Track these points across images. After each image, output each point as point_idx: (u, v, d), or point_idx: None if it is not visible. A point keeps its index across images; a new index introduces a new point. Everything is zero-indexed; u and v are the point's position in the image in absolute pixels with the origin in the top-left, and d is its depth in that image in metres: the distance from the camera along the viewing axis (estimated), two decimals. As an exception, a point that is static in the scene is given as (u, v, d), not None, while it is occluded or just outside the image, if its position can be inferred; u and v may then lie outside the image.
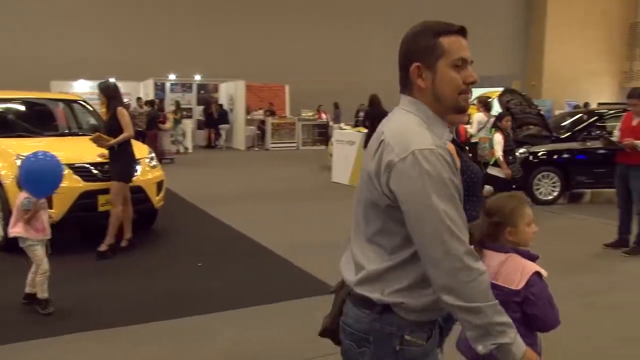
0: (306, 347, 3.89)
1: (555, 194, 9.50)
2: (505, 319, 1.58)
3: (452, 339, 2.33)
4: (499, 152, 7.34)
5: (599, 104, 21.77)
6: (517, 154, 9.41)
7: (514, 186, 7.53)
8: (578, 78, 28.18)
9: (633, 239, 6.49)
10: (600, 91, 28.94)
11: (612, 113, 9.99)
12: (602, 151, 8.65)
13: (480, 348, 1.57)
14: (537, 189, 9.40)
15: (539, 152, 9.52)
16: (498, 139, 7.39)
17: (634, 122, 6.31)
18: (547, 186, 9.47)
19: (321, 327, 2.03)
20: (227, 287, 5.25)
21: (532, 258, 2.21)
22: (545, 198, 9.43)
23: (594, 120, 9.99)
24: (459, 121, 1.78)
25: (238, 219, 7.95)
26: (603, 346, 4.05)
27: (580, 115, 10.88)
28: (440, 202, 1.52)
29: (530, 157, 9.44)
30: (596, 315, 4.66)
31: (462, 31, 1.70)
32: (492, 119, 9.46)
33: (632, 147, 6.18)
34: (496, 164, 7.39)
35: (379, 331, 1.67)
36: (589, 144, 9.42)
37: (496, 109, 10.24)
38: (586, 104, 21.70)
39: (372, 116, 11.00)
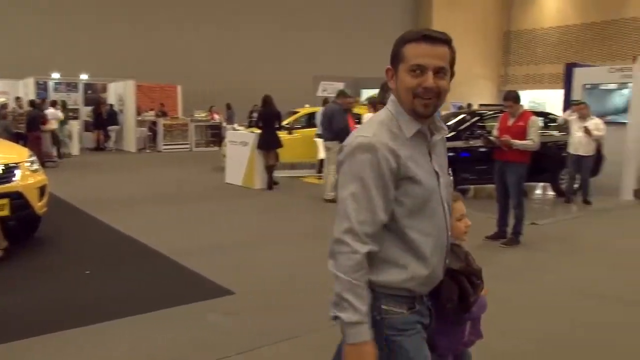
0: (199, 353, 3.85)
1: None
2: (357, 302, 1.66)
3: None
4: None
5: (480, 105, 23.20)
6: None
7: None
8: (462, 81, 29.80)
9: (510, 230, 6.99)
10: (481, 93, 30.89)
11: (491, 113, 10.64)
12: (483, 149, 9.01)
13: (331, 312, 1.72)
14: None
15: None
16: None
17: (510, 122, 6.78)
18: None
19: None
20: (117, 295, 5.04)
21: None
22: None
23: (475, 120, 10.60)
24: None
25: (128, 223, 7.68)
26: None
27: (463, 115, 11.49)
28: (353, 181, 1.72)
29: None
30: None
31: (428, 38, 1.77)
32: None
33: (507, 145, 6.64)
34: None
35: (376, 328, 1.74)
36: (472, 142, 9.97)
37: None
38: (469, 105, 23.04)
39: (266, 117, 11.04)
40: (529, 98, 33.85)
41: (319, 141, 10.75)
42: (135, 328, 4.28)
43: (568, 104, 11.62)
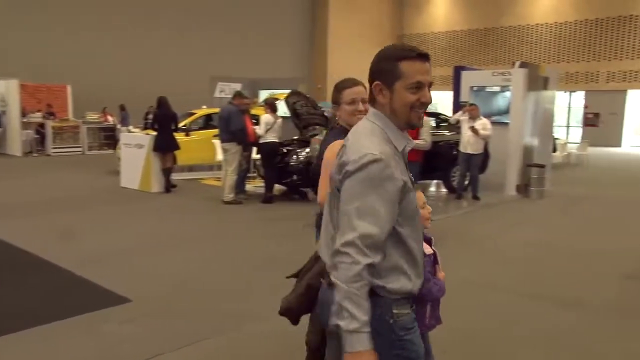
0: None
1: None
2: (356, 311, 1.72)
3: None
4: None
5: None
6: (304, 152, 10.00)
7: None
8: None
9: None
10: (377, 95, 31.84)
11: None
12: None
13: (332, 321, 1.77)
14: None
15: (326, 151, 10.13)
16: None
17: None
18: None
19: (283, 307, 2.32)
20: (7, 309, 4.72)
21: (426, 240, 2.31)
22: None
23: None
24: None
25: (17, 234, 7.18)
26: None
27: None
28: (362, 193, 1.78)
29: (317, 156, 10.01)
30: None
31: (421, 56, 1.89)
32: (280, 120, 9.87)
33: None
34: None
35: (373, 312, 1.78)
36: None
37: (283, 110, 10.65)
38: (365, 106, 23.59)
39: (161, 118, 10.76)
40: (422, 99, 35.45)
41: (217, 143, 10.63)
42: (29, 343, 4.04)
43: (458, 105, 12.24)
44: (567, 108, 29.46)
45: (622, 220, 9.14)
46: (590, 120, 27.56)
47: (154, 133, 10.79)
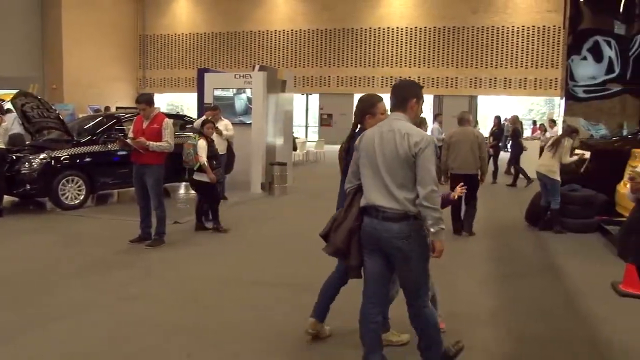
0: None
1: (82, 197, 9.55)
2: (442, 221, 3.20)
3: None
4: (203, 157, 7.51)
5: (117, 108, 22.89)
6: (38, 159, 9.12)
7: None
8: (98, 83, 28.92)
9: (154, 232, 7.11)
10: (121, 96, 30.44)
11: (129, 116, 10.59)
12: (123, 152, 8.85)
13: (433, 229, 3.18)
14: (63, 194, 9.26)
15: (62, 156, 9.39)
16: (203, 144, 7.59)
17: (144, 125, 6.89)
18: (73, 190, 9.43)
19: (331, 250, 3.52)
20: None
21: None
22: (72, 203, 9.38)
23: (113, 123, 10.42)
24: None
25: None
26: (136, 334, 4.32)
27: (100, 118, 11.19)
28: (431, 159, 3.22)
29: (53, 162, 9.23)
30: (130, 305, 4.93)
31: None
32: (5, 124, 8.85)
33: (142, 147, 6.73)
34: (200, 169, 7.55)
35: (417, 229, 3.26)
36: (110, 146, 9.79)
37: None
38: (107, 108, 22.52)
39: None
40: (167, 101, 34.90)
41: None
42: None
43: (202, 106, 12.36)
44: (305, 109, 31.82)
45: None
46: (325, 121, 30.20)
47: None
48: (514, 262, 6.81)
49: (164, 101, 33.90)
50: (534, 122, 25.44)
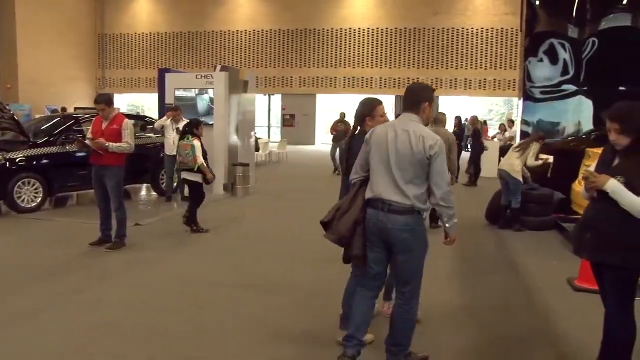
0: None
1: (39, 200, 9.32)
2: (455, 217, 3.54)
3: None
4: (201, 158, 7.69)
5: (76, 108, 22.41)
6: None
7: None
8: (56, 82, 28.19)
9: (114, 234, 6.99)
10: (79, 96, 29.76)
11: (87, 117, 10.37)
12: (82, 154, 8.58)
13: (449, 224, 3.52)
14: (19, 197, 9.01)
15: (17, 158, 9.13)
16: (198, 145, 7.73)
17: (103, 125, 6.76)
18: (30, 193, 9.18)
19: (335, 238, 3.64)
20: None
21: None
22: (29, 205, 9.13)
23: (71, 124, 10.19)
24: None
25: None
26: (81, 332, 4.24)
27: (58, 119, 10.93)
28: (444, 162, 3.46)
29: (8, 164, 8.97)
30: (88, 309, 4.82)
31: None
32: None
33: (101, 148, 6.60)
34: (192, 169, 7.66)
35: (420, 223, 3.51)
36: (68, 147, 9.57)
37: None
38: (64, 108, 22.02)
39: None
40: (127, 101, 34.30)
41: None
42: None
43: (163, 107, 12.21)
44: (267, 110, 31.71)
45: (319, 210, 10.19)
46: (288, 121, 30.15)
47: None
48: (476, 260, 6.94)
49: (124, 101, 33.31)
50: (485, 122, 25.50)
